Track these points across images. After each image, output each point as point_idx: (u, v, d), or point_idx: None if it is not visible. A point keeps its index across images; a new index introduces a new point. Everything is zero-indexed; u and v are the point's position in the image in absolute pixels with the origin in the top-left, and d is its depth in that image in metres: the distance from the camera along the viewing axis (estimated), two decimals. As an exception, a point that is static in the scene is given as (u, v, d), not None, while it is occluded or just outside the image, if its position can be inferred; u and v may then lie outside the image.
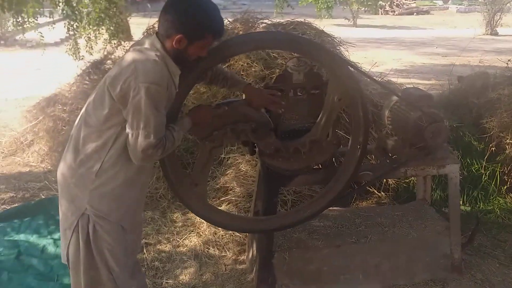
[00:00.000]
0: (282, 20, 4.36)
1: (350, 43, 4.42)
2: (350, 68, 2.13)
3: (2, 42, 13.57)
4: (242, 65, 3.94)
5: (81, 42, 7.22)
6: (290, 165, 2.26)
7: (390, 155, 2.58)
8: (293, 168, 2.27)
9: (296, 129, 2.28)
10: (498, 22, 16.22)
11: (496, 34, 16.14)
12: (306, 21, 4.38)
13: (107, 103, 1.67)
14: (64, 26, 6.87)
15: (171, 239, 3.04)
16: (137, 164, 1.71)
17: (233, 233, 3.05)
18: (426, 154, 2.43)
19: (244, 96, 2.18)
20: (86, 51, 7.12)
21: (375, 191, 3.65)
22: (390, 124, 2.62)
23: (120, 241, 1.77)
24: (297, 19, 4.37)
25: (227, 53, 2.03)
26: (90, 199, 1.71)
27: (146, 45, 1.74)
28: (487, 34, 16.17)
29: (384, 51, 11.98)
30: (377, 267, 2.58)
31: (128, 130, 1.66)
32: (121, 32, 7.67)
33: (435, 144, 2.36)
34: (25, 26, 6.19)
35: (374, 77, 2.29)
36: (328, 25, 4.64)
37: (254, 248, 2.57)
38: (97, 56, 5.96)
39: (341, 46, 4.40)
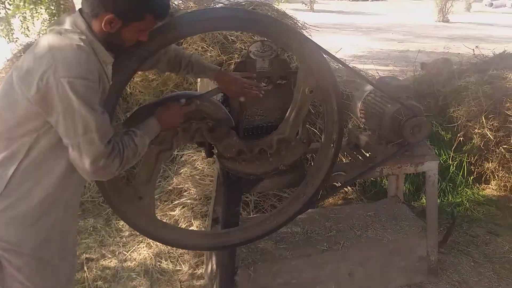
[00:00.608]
0: (240, 0, 3.97)
1: (313, 26, 4.11)
2: (324, 54, 1.80)
3: None
4: (196, 49, 3.53)
5: (17, 22, 6.45)
6: (254, 168, 1.93)
7: (364, 151, 2.32)
8: (258, 172, 1.94)
9: (260, 127, 1.95)
10: (449, 10, 16.62)
11: (448, 21, 16.55)
12: (267, 2, 4.02)
13: (20, 104, 1.27)
14: (-7, 3, 6.07)
15: (117, 252, 2.64)
16: (89, 180, 1.38)
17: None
18: (403, 151, 2.18)
19: (210, 85, 1.82)
20: (21, 32, 6.37)
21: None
22: (363, 117, 2.35)
23: (39, 278, 1.37)
24: (256, 0, 4.00)
25: (176, 34, 1.64)
26: None
27: (67, 25, 1.32)
28: (439, 21, 16.55)
29: (341, 36, 11.85)
30: (350, 276, 2.33)
31: (65, 142, 1.28)
32: (63, 11, 6.93)
33: (415, 141, 2.11)
34: None
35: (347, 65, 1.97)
36: (285, 9, 4.30)
37: (214, 262, 2.24)
38: (34, 38, 5.31)
39: (303, 30, 4.09)
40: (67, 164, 1.33)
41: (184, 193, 3.12)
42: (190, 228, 2.86)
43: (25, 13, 6.55)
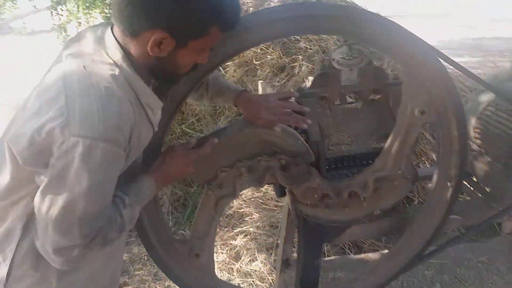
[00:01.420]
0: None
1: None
2: (441, 61, 1.29)
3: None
4: (254, 51, 3.10)
5: (73, 29, 6.41)
6: (342, 215, 1.45)
7: (481, 185, 1.76)
8: (346, 219, 1.47)
9: (348, 157, 1.47)
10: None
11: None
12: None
13: (8, 165, 0.89)
14: (47, 9, 6.05)
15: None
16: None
17: None
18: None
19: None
20: (78, 38, 6.31)
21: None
22: (478, 139, 1.78)
23: None
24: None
25: (245, 45, 1.20)
26: None
27: (91, 49, 0.92)
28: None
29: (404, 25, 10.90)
30: None
31: (36, 205, 0.88)
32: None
33: None
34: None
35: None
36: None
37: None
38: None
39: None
40: None
41: (246, 218, 2.72)
42: (254, 264, 2.46)
43: (80, 18, 6.50)
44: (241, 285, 2.30)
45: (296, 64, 2.95)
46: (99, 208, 0.89)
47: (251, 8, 3.31)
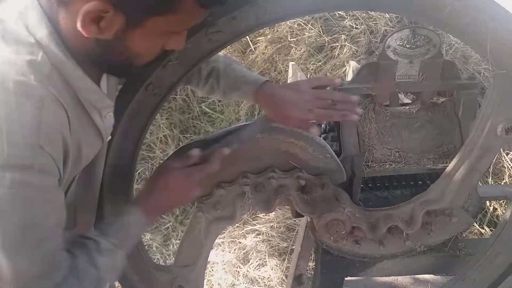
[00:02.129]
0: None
1: None
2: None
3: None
4: (290, 26, 2.70)
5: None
6: (374, 250, 1.11)
7: None
8: (379, 254, 1.12)
9: (393, 179, 1.11)
10: None
11: None
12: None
13: None
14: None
15: None
16: None
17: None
18: None
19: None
20: None
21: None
22: None
23: None
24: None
25: (263, 20, 0.84)
26: None
27: (6, 19, 0.60)
28: None
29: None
30: None
31: None
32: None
33: None
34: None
35: None
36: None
37: None
38: None
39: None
40: None
41: (260, 215, 2.42)
42: (263, 269, 2.16)
43: None
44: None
45: (337, 44, 2.54)
46: (38, 264, 0.60)
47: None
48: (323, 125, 1.11)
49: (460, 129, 1.06)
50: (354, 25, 2.57)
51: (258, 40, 2.72)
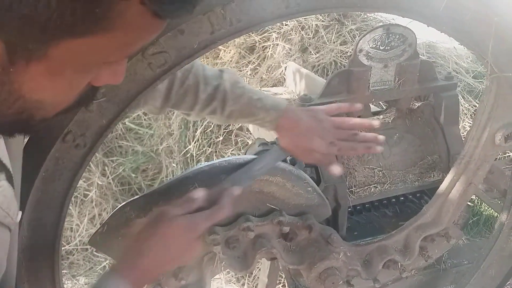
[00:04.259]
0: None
1: None
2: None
3: None
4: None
5: None
6: (364, 284, 0.95)
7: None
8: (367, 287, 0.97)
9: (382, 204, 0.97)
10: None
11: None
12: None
13: None
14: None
15: None
16: None
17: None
18: None
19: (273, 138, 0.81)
20: None
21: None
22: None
23: None
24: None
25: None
26: None
27: None
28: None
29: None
30: None
31: None
32: None
33: None
34: None
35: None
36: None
37: None
38: None
39: None
40: None
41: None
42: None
43: None
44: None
45: (269, 43, 2.38)
46: None
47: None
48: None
49: (444, 136, 0.94)
50: (284, 22, 2.42)
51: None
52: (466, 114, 1.96)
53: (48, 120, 0.44)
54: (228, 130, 2.10)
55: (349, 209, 0.97)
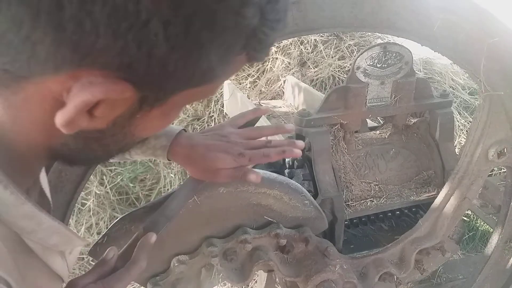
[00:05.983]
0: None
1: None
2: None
3: None
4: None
5: None
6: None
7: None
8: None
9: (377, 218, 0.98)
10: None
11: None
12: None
13: None
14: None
15: None
16: None
17: None
18: None
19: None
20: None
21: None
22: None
23: None
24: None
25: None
26: None
27: None
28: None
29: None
30: None
31: None
32: None
33: None
34: None
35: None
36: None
37: None
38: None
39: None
40: None
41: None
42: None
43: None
44: None
45: (268, 57, 2.41)
46: None
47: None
48: (288, 160, 0.95)
49: (439, 152, 0.96)
50: (353, 46, 2.44)
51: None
52: (462, 130, 1.99)
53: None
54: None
55: (345, 223, 0.99)
